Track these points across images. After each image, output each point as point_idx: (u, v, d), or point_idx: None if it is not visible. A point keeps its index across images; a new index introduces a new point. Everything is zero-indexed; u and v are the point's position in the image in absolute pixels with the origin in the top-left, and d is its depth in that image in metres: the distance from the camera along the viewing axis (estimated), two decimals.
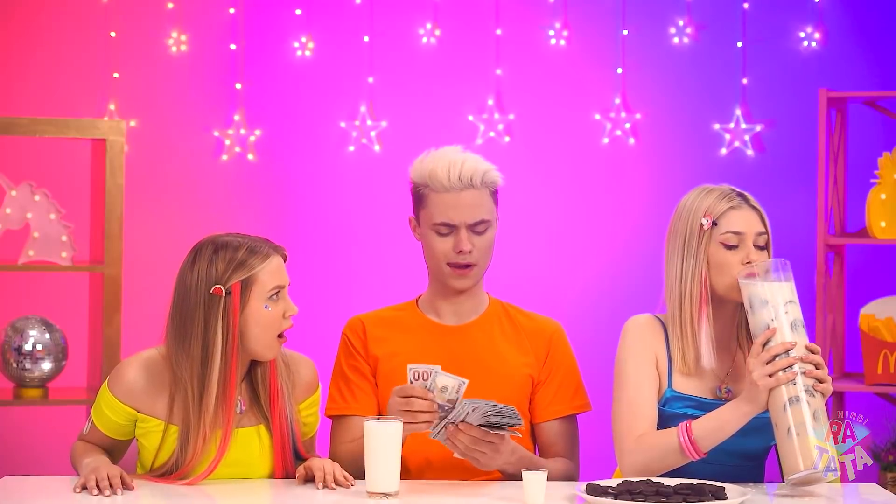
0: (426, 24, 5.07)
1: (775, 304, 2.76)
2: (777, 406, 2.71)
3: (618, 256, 5.05)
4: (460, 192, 2.98)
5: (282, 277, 2.81)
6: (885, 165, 4.60)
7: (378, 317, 3.12)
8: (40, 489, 2.80)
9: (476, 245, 3.00)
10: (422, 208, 3.04)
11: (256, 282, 2.77)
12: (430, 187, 3.00)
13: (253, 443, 2.85)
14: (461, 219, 2.98)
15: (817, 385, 2.72)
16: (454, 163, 2.99)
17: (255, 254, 2.77)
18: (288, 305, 2.82)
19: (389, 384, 2.99)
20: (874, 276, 4.97)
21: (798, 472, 2.68)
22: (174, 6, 5.01)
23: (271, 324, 2.79)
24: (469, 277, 3.02)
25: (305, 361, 2.96)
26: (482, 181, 2.99)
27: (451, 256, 3.00)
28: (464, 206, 2.98)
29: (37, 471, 4.12)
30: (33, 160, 4.87)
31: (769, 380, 2.71)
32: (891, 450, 4.56)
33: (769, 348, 2.73)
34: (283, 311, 2.81)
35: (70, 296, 4.76)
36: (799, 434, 2.68)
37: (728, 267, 2.84)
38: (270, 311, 2.78)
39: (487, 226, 3.01)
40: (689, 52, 5.05)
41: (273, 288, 2.78)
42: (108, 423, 2.87)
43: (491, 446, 2.76)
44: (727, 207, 2.87)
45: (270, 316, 2.78)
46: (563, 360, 3.08)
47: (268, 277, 2.78)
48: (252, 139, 5.02)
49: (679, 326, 2.87)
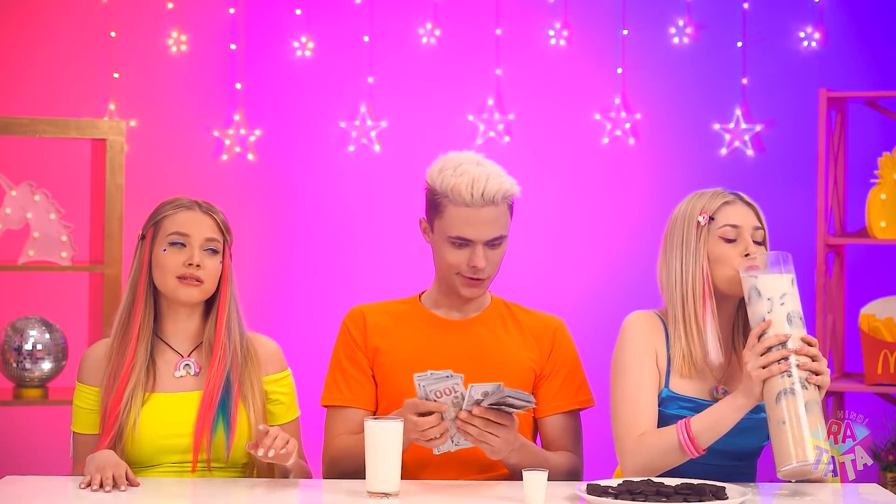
0: (426, 24, 5.07)
1: (772, 296, 2.76)
2: (770, 398, 2.71)
3: (618, 256, 5.05)
4: (481, 208, 2.95)
5: (185, 227, 2.90)
6: (885, 165, 4.60)
7: (379, 308, 3.11)
8: (40, 489, 2.80)
9: (490, 259, 2.99)
10: (437, 217, 3.01)
11: (161, 228, 2.92)
12: (449, 199, 2.97)
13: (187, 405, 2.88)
14: (478, 236, 2.96)
15: (812, 377, 2.72)
16: (478, 180, 2.95)
17: (170, 203, 2.94)
18: (192, 256, 2.89)
19: (388, 378, 2.99)
20: (874, 276, 4.97)
21: (789, 464, 2.68)
22: (174, 6, 5.01)
23: (169, 268, 2.89)
24: (480, 288, 3.03)
25: (268, 339, 3.02)
26: (503, 198, 2.98)
27: (463, 269, 2.99)
28: (482, 223, 2.96)
29: (37, 471, 4.12)
30: (33, 160, 4.87)
31: (762, 371, 2.71)
32: (891, 450, 4.56)
33: (763, 340, 2.73)
34: (185, 260, 2.89)
35: (70, 296, 4.76)
36: (791, 426, 2.68)
37: (728, 260, 2.84)
38: (167, 253, 2.89)
39: (503, 240, 3.01)
40: (689, 52, 5.05)
41: (172, 233, 2.90)
42: (85, 419, 2.90)
43: (503, 429, 2.75)
44: (722, 202, 2.89)
45: (167, 259, 2.89)
46: (566, 356, 3.08)
47: (169, 224, 2.91)
48: (252, 139, 5.02)
49: (683, 324, 2.87)
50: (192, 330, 2.95)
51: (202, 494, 2.72)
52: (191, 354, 2.94)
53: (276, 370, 2.98)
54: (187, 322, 2.94)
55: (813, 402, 2.71)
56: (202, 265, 2.88)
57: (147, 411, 2.86)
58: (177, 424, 2.86)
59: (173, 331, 2.94)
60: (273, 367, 2.97)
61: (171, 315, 2.94)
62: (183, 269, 2.88)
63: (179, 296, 2.89)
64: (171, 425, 2.86)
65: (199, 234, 2.91)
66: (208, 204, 2.96)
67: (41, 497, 2.72)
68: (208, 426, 2.84)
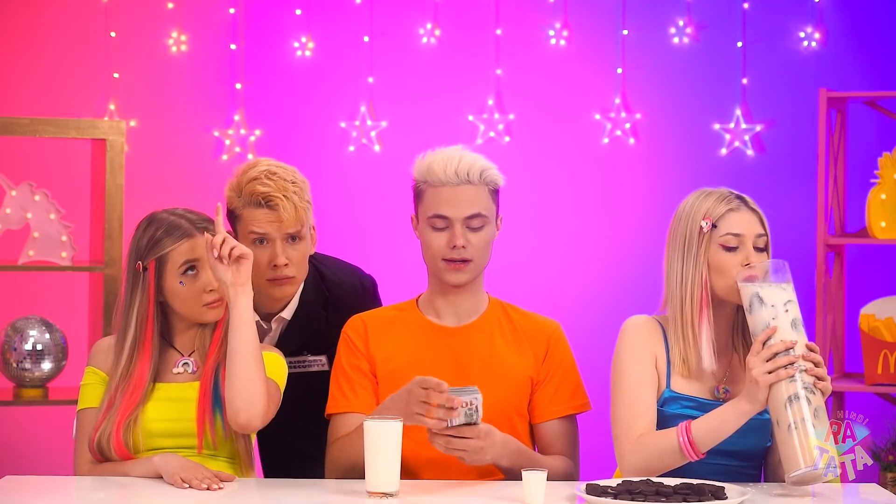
0: (426, 24, 5.07)
1: (775, 304, 2.76)
2: (778, 403, 2.71)
3: (617, 256, 5.05)
4: (456, 186, 2.98)
5: (194, 254, 2.91)
6: (885, 165, 4.60)
7: (378, 316, 3.11)
8: (40, 489, 2.80)
9: (472, 242, 2.99)
10: (420, 204, 3.05)
11: (168, 260, 2.92)
12: (427, 182, 3.01)
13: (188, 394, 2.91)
14: (455, 213, 2.98)
15: (817, 383, 2.72)
16: (451, 158, 3.00)
17: (169, 234, 2.92)
18: (207, 280, 2.90)
19: (388, 386, 2.99)
20: (874, 276, 4.97)
21: (799, 469, 2.68)
22: (174, 6, 5.01)
23: (190, 298, 2.92)
24: (464, 272, 3.01)
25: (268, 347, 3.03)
26: (480, 178, 3.00)
27: (445, 252, 2.99)
28: (459, 200, 2.98)
29: (37, 471, 4.12)
30: (33, 160, 4.87)
31: (769, 376, 2.71)
32: (891, 450, 4.56)
33: (769, 346, 2.73)
34: (203, 287, 2.91)
35: (70, 296, 4.76)
36: (800, 431, 2.68)
37: (728, 269, 2.84)
38: (186, 286, 2.91)
39: (484, 222, 3.00)
40: (689, 52, 5.05)
41: (183, 265, 2.91)
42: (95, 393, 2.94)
43: (466, 442, 2.76)
44: (726, 210, 2.87)
45: (186, 291, 2.91)
46: (561, 360, 3.07)
47: (177, 256, 2.91)
48: (252, 139, 5.02)
49: (680, 329, 2.87)
50: (195, 331, 2.99)
51: (203, 493, 2.72)
52: (191, 355, 2.96)
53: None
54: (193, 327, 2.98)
55: (819, 407, 2.71)
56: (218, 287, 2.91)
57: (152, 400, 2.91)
58: (179, 410, 2.89)
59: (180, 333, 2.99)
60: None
61: (181, 325, 2.98)
62: (207, 297, 2.92)
63: (206, 319, 2.95)
64: (173, 411, 2.89)
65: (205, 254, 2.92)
66: (201, 219, 2.97)
67: (41, 497, 2.72)
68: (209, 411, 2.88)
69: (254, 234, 3.11)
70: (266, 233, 3.10)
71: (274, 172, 3.12)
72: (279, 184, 3.10)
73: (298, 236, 3.14)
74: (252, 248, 3.04)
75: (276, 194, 3.08)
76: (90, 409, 2.93)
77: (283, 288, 3.15)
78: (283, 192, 3.09)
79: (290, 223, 3.10)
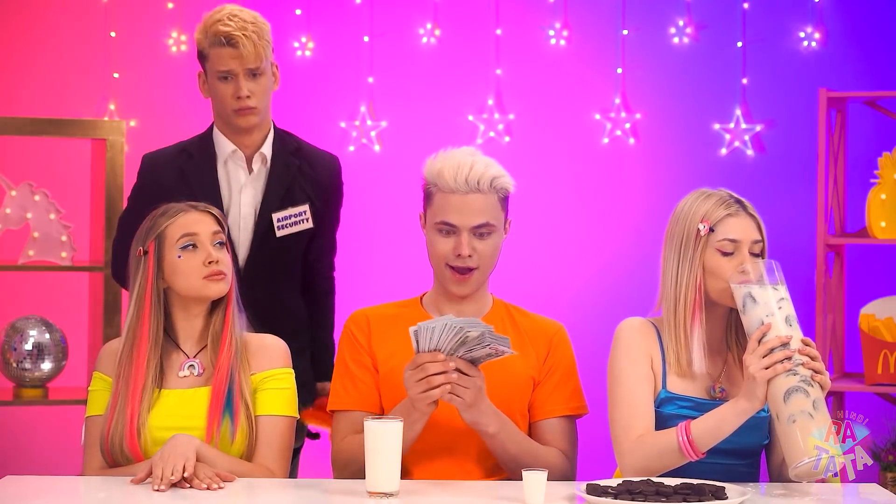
0: (426, 24, 5.07)
1: (768, 302, 2.76)
2: (777, 398, 2.71)
3: (617, 256, 5.05)
4: (466, 194, 2.96)
5: (191, 227, 2.94)
6: (885, 165, 4.60)
7: (382, 313, 3.10)
8: (40, 489, 2.80)
9: (478, 250, 2.98)
10: (429, 206, 3.03)
11: (165, 237, 2.94)
12: (437, 186, 2.98)
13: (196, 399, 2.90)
14: (463, 222, 2.96)
15: (815, 376, 2.72)
16: (462, 165, 2.96)
17: (164, 214, 2.96)
18: (207, 253, 2.92)
19: (389, 383, 2.99)
20: (874, 276, 4.97)
21: (801, 461, 2.67)
22: (174, 6, 5.01)
23: (189, 271, 2.92)
24: (468, 284, 3.00)
25: (273, 338, 3.02)
26: (490, 186, 2.97)
27: (450, 258, 2.98)
28: (468, 209, 2.96)
29: (37, 471, 4.12)
30: (33, 160, 4.87)
31: (766, 372, 2.70)
32: (891, 450, 4.56)
33: (765, 342, 2.73)
34: (203, 259, 2.92)
35: (70, 296, 4.76)
36: (800, 424, 2.68)
37: (723, 273, 2.84)
38: (184, 259, 2.92)
39: (492, 230, 2.99)
40: (689, 52, 5.05)
41: (181, 238, 2.93)
42: (102, 400, 2.92)
43: (470, 380, 2.78)
44: (725, 214, 2.87)
45: (185, 264, 2.92)
46: (561, 360, 3.07)
47: (175, 230, 2.94)
48: None
49: (672, 330, 2.88)
50: (200, 328, 2.97)
51: (203, 493, 2.72)
52: (196, 356, 2.95)
53: (272, 366, 2.97)
54: (197, 320, 2.97)
55: (819, 399, 2.71)
56: (219, 260, 2.92)
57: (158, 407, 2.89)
58: (186, 417, 2.88)
59: (184, 329, 2.97)
60: (269, 363, 2.97)
61: (184, 314, 2.96)
62: (206, 269, 2.92)
63: (209, 293, 2.93)
64: (180, 418, 2.87)
65: (205, 231, 2.94)
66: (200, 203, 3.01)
67: (41, 497, 2.72)
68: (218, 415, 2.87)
69: (219, 72, 3.48)
70: (230, 69, 3.47)
71: (235, 14, 3.47)
72: (239, 24, 3.45)
73: (259, 71, 3.51)
74: (218, 84, 3.48)
75: (237, 33, 3.44)
76: (98, 417, 2.92)
77: (248, 118, 3.52)
78: (243, 31, 3.45)
79: (251, 59, 3.47)
